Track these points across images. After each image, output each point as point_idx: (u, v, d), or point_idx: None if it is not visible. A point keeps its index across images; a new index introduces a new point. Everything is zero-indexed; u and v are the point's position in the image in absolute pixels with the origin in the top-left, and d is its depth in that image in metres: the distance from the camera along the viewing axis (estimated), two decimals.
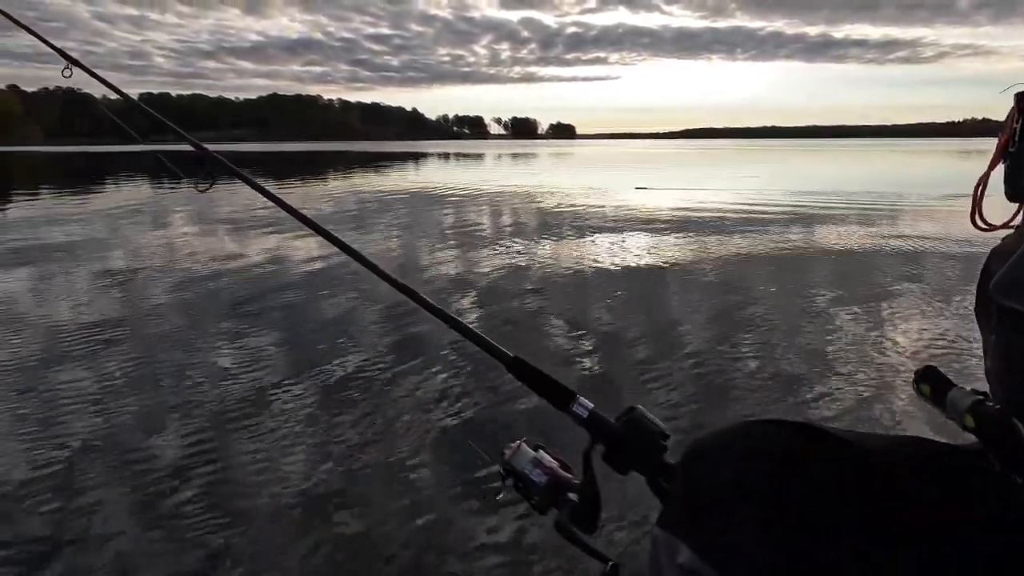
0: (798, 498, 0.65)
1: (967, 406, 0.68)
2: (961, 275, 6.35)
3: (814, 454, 0.69)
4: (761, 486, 0.66)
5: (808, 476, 0.69)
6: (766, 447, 0.70)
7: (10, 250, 8.39)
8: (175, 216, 12.37)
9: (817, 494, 0.67)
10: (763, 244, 8.46)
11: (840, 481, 0.68)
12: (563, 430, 0.98)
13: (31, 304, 5.66)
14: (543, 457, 0.93)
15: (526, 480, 0.90)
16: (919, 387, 0.76)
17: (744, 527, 0.64)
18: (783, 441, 0.71)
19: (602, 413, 0.91)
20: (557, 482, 0.90)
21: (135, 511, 2.48)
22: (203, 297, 5.86)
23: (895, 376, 3.70)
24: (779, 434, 0.72)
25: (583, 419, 0.91)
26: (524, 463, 0.91)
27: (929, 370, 0.75)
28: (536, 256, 7.69)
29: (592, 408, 0.92)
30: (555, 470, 0.91)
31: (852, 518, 0.65)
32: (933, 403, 0.74)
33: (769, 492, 0.66)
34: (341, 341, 4.49)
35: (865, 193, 15.96)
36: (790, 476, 0.67)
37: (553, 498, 0.89)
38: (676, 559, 0.67)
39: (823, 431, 0.73)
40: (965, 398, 0.69)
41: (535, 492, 0.90)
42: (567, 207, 13.46)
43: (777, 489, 0.66)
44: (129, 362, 4.12)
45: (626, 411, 0.90)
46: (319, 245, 7.62)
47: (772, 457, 0.69)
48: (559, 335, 4.66)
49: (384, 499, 2.53)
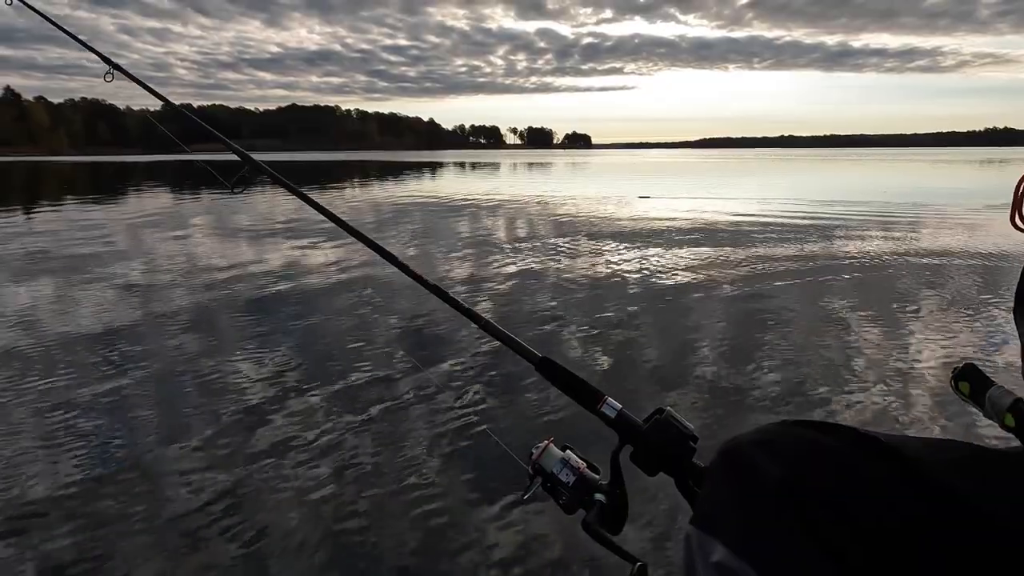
0: (840, 498, 0.63)
1: (1007, 405, 0.65)
2: None
3: (855, 455, 0.66)
4: (806, 483, 0.64)
5: (850, 477, 0.67)
6: (806, 447, 0.68)
7: (112, 252, 8.56)
8: (231, 218, 12.56)
9: (859, 494, 0.65)
10: (742, 255, 8.39)
11: (883, 481, 0.65)
12: (587, 430, 0.98)
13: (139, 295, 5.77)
14: (571, 457, 0.92)
15: (554, 480, 0.89)
16: (957, 384, 0.74)
17: (784, 526, 0.62)
18: (823, 442, 0.68)
19: (631, 414, 0.90)
20: (585, 482, 0.89)
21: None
22: (228, 295, 5.93)
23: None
24: (820, 435, 0.69)
25: (611, 419, 0.90)
26: (553, 463, 0.90)
27: (968, 367, 0.72)
28: (541, 260, 7.69)
29: (621, 408, 0.90)
30: (583, 470, 0.91)
31: (897, 520, 0.63)
32: (971, 401, 0.72)
33: (808, 491, 0.63)
34: (362, 342, 4.51)
35: (880, 203, 15.77)
36: (831, 477, 0.65)
37: (581, 498, 0.88)
38: (711, 558, 0.64)
39: (866, 434, 0.70)
40: (1006, 397, 0.67)
41: (563, 492, 0.89)
42: (568, 215, 13.52)
43: (822, 487, 0.64)
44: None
45: (655, 412, 0.88)
46: (355, 250, 7.86)
47: (813, 457, 0.67)
48: (566, 331, 4.65)
49: (399, 492, 2.54)
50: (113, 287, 6.62)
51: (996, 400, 0.68)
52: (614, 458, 0.88)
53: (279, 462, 2.88)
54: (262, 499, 2.59)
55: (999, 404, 0.67)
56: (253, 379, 3.92)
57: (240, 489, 2.66)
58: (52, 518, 2.44)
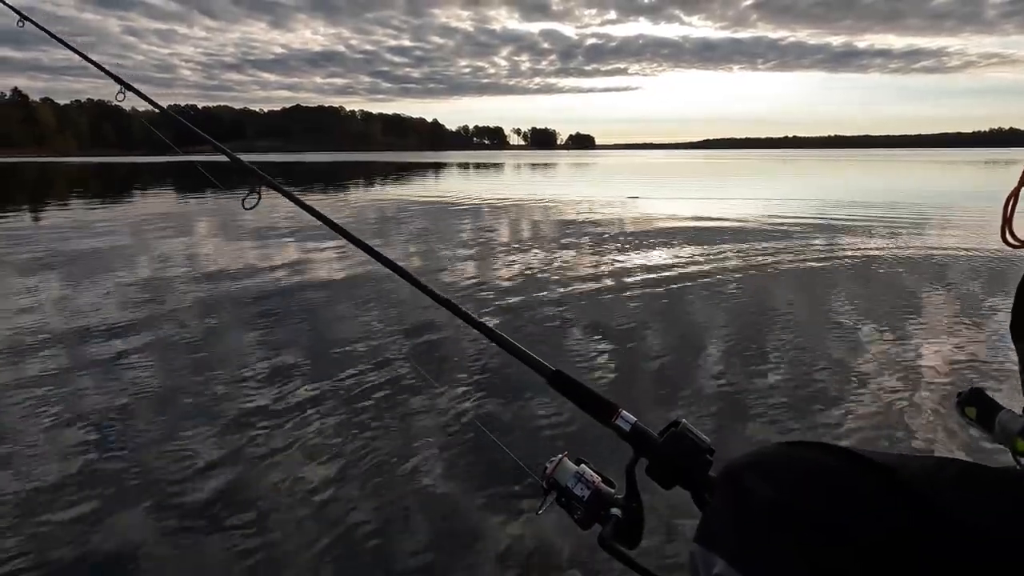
0: (831, 519, 0.65)
1: (1018, 429, 0.64)
2: None
3: (848, 476, 0.68)
4: (797, 505, 0.66)
5: (841, 497, 0.66)
6: (799, 469, 0.70)
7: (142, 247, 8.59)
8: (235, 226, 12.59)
9: (849, 514, 0.65)
10: (723, 253, 8.36)
11: (875, 500, 0.65)
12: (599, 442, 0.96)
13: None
14: (585, 471, 0.90)
15: (569, 495, 0.88)
16: (963, 409, 0.72)
17: (780, 542, 0.64)
18: (816, 463, 0.70)
19: (646, 427, 0.89)
20: (600, 497, 0.88)
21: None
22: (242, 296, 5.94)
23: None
24: (818, 456, 0.71)
25: (626, 433, 0.89)
26: (567, 477, 0.89)
27: (974, 392, 0.71)
28: (536, 259, 7.68)
29: (635, 422, 0.89)
30: (598, 484, 0.89)
31: (889, 539, 0.63)
32: (979, 426, 0.70)
33: (805, 511, 0.66)
34: (369, 348, 4.51)
35: (884, 205, 15.72)
36: (822, 498, 0.67)
37: (596, 513, 0.87)
38: (712, 570, 0.67)
39: (860, 455, 0.72)
40: (1016, 421, 0.65)
41: (578, 507, 0.88)
42: (559, 214, 13.50)
43: (813, 509, 0.66)
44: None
45: (670, 425, 0.88)
46: (352, 256, 7.84)
47: (805, 479, 0.69)
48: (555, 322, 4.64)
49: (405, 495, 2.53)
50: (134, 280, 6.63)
51: (1006, 425, 0.66)
52: (629, 472, 0.87)
53: (286, 464, 2.88)
54: (266, 499, 2.58)
55: (1009, 429, 0.65)
56: (258, 383, 3.93)
57: (245, 492, 2.66)
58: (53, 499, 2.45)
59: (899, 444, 3.03)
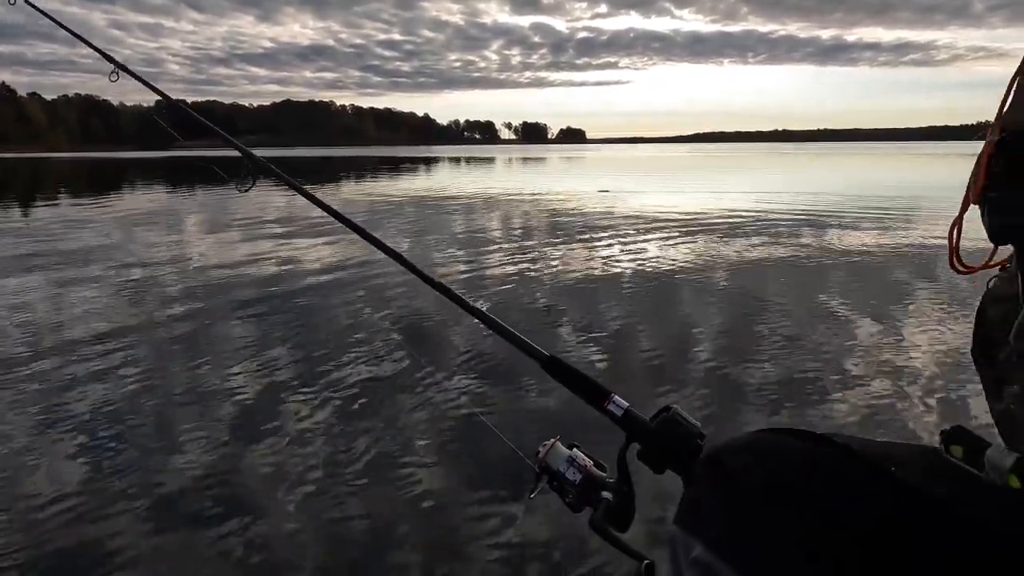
0: (819, 502, 0.66)
1: (1010, 465, 0.62)
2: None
3: (832, 461, 0.69)
4: (792, 488, 0.68)
5: (828, 481, 0.68)
6: (785, 453, 0.72)
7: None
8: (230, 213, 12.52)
9: (837, 497, 0.66)
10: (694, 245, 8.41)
11: (860, 485, 0.66)
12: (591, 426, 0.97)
13: None
14: (577, 455, 0.92)
15: (561, 479, 0.89)
16: (948, 448, 0.69)
17: (775, 520, 0.66)
18: (800, 448, 0.72)
19: (637, 412, 0.91)
20: (592, 481, 0.89)
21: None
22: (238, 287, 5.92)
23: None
24: (793, 442, 0.73)
25: (618, 417, 0.90)
26: (559, 461, 0.90)
27: (957, 430, 0.69)
28: (528, 254, 7.70)
29: (628, 407, 0.90)
30: (589, 468, 0.91)
31: (868, 522, 0.65)
32: (967, 466, 0.67)
33: (802, 493, 0.68)
34: (361, 337, 4.51)
35: (863, 197, 15.82)
36: (809, 481, 0.68)
37: (588, 496, 0.89)
38: (690, 554, 0.68)
39: (842, 443, 0.71)
40: (1006, 458, 0.63)
41: (570, 490, 0.89)
42: (535, 206, 13.52)
43: (809, 491, 0.67)
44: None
45: (662, 410, 0.89)
46: (364, 246, 8.01)
47: (785, 462, 0.70)
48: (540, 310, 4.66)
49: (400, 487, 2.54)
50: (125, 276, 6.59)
51: (996, 462, 0.64)
52: (621, 456, 0.88)
53: (277, 454, 2.88)
54: (260, 491, 2.58)
55: (1001, 466, 0.63)
56: (252, 378, 3.92)
57: (239, 486, 2.66)
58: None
59: (884, 430, 3.07)
